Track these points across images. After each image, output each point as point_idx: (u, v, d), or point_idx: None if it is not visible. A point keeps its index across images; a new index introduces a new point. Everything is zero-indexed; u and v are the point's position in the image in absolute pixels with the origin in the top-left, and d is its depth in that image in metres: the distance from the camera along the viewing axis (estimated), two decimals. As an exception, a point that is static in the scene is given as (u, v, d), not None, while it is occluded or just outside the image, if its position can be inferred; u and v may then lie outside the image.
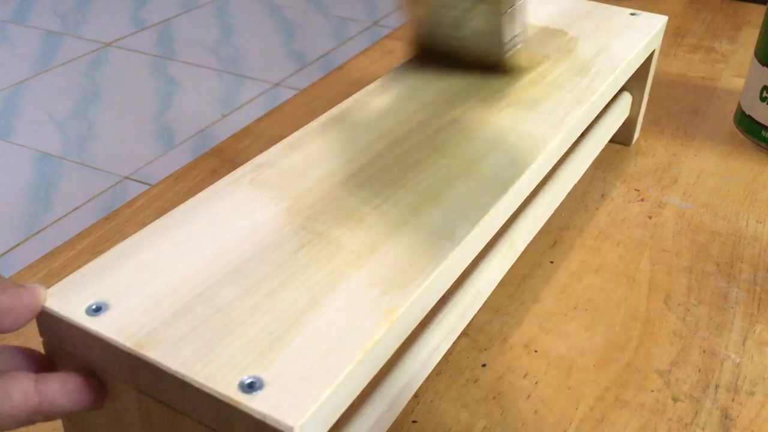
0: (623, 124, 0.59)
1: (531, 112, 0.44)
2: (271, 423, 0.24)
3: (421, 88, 0.46)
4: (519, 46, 0.47)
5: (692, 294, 0.46)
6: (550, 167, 0.42)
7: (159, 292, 0.29)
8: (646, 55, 0.56)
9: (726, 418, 0.39)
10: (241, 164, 0.38)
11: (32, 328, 0.43)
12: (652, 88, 0.60)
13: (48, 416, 0.28)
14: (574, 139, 0.45)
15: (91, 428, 0.31)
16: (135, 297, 0.29)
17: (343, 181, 0.37)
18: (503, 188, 0.37)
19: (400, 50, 0.78)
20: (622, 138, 0.61)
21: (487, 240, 0.36)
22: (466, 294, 0.39)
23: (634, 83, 0.58)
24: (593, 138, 0.53)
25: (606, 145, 0.56)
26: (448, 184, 0.37)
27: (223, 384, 0.25)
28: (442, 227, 0.34)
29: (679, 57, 0.78)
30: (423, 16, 0.47)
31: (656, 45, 0.57)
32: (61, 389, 0.28)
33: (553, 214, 0.48)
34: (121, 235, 0.51)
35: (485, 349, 0.42)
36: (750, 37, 0.82)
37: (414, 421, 0.38)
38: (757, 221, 0.53)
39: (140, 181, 1.41)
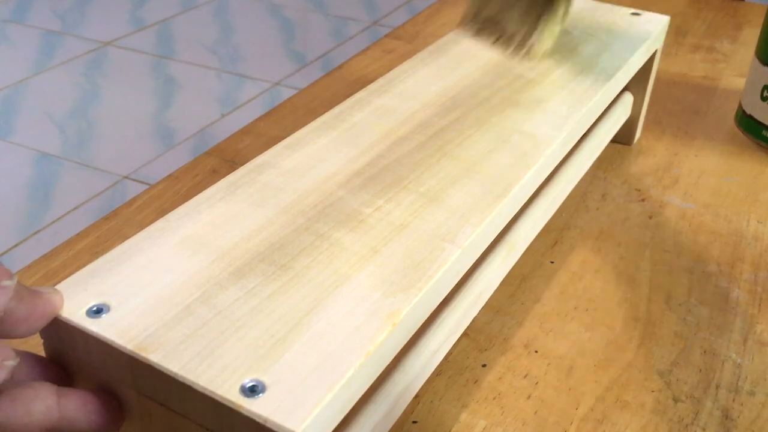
0: (624, 123, 0.59)
1: (532, 112, 0.44)
2: (273, 427, 0.24)
3: (421, 87, 0.46)
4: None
5: (693, 294, 0.46)
6: (552, 168, 0.42)
7: (160, 294, 0.29)
8: (648, 56, 0.56)
9: (727, 418, 0.38)
10: (241, 164, 0.38)
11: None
12: (652, 87, 0.60)
13: None
14: (576, 140, 0.45)
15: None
16: (136, 299, 0.29)
17: (344, 181, 0.37)
18: (505, 190, 0.37)
19: (400, 50, 0.78)
20: (623, 138, 0.61)
21: (489, 242, 0.36)
22: (467, 295, 0.39)
23: (636, 83, 0.58)
24: (594, 138, 0.52)
25: (607, 145, 0.56)
26: (449, 185, 0.37)
27: (225, 387, 0.25)
28: (444, 229, 0.34)
29: (679, 56, 0.78)
30: None
31: (658, 45, 0.57)
32: (83, 407, 0.27)
33: (553, 214, 0.48)
34: (120, 236, 0.51)
35: (485, 350, 0.42)
36: (751, 36, 0.82)
37: (414, 422, 0.38)
38: (758, 221, 0.53)
39: (140, 181, 1.40)
